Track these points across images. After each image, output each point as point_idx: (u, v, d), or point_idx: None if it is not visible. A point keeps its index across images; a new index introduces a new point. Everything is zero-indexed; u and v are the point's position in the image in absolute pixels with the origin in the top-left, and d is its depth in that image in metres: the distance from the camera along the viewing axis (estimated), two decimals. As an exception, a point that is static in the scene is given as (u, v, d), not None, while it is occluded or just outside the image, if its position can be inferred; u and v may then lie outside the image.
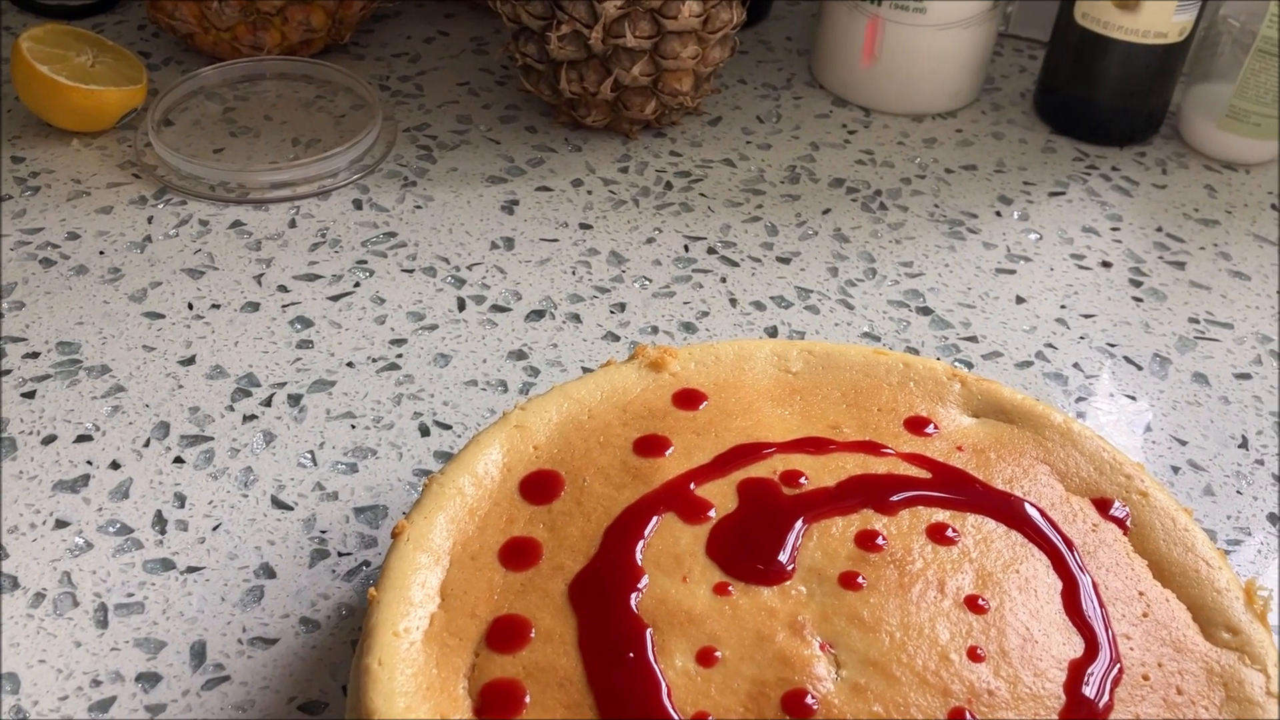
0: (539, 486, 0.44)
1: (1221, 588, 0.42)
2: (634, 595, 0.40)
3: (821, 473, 0.45)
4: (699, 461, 0.45)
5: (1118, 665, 0.39)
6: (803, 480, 0.44)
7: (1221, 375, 0.61)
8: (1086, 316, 0.64)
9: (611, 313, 0.62)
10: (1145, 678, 0.39)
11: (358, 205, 0.68)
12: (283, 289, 0.61)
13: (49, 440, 0.52)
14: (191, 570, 0.47)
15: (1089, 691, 0.38)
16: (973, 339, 0.62)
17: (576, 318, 0.61)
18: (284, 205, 0.67)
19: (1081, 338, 0.63)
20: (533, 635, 0.39)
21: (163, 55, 0.79)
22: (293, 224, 0.66)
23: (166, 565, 0.48)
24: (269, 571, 0.48)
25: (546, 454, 0.45)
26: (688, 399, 0.48)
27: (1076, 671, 0.39)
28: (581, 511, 0.43)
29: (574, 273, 0.64)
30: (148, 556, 0.48)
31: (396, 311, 0.61)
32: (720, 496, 0.44)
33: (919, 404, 0.49)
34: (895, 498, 0.44)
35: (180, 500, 0.50)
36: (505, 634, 0.39)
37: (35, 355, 0.56)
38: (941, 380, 0.50)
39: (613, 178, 0.72)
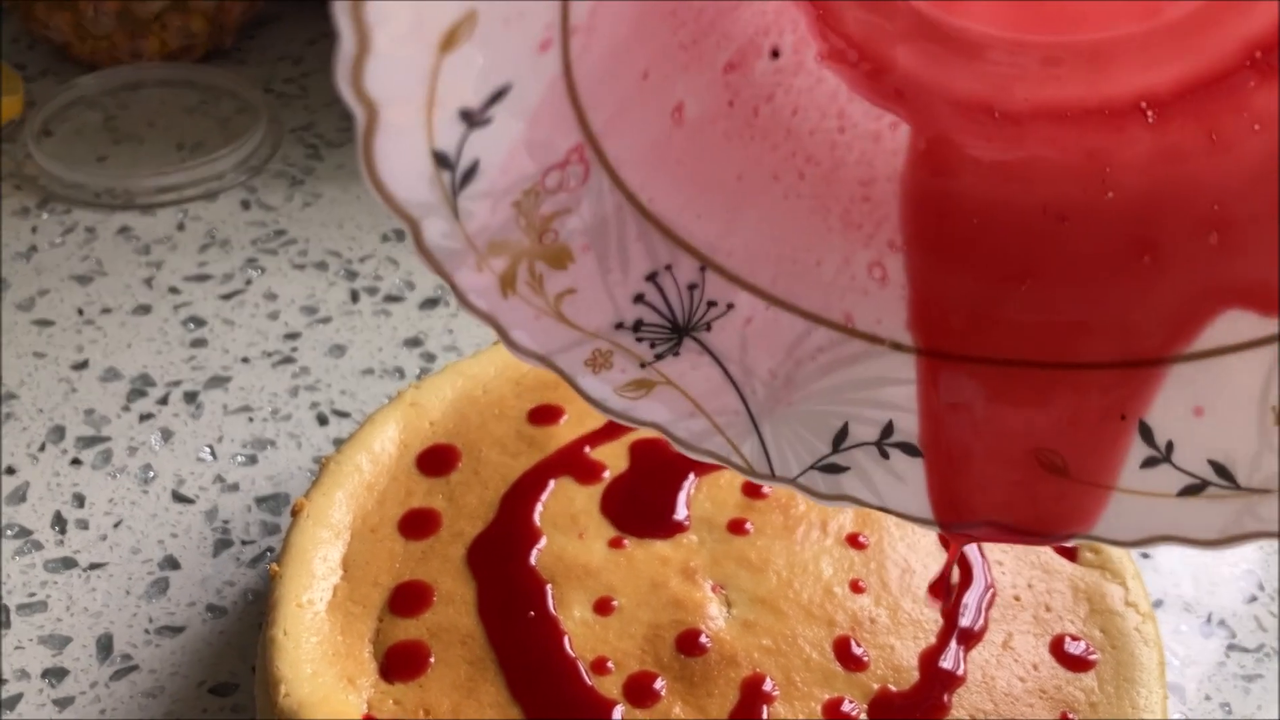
0: (436, 460, 0.45)
1: (1083, 512, 0.45)
2: (533, 554, 0.42)
3: (709, 430, 0.47)
4: (592, 427, 0.47)
5: (991, 589, 0.42)
6: (691, 438, 0.46)
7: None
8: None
9: (505, 297, 0.63)
10: (1016, 598, 0.42)
11: (246, 205, 0.68)
12: (174, 290, 0.62)
13: (-60, 450, 0.52)
14: (94, 567, 0.48)
15: (965, 613, 0.41)
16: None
17: (470, 303, 0.62)
18: (171, 209, 0.67)
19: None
20: (434, 599, 0.40)
21: (40, 66, 0.78)
22: (181, 227, 0.66)
23: (68, 564, 0.48)
24: (173, 563, 0.48)
25: (442, 429, 0.47)
26: (578, 369, 0.49)
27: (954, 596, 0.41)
28: (479, 480, 0.44)
29: (466, 260, 0.65)
30: (48, 556, 0.48)
31: (289, 307, 0.61)
32: (613, 458, 0.45)
33: (799, 362, 0.51)
34: (779, 449, 0.46)
35: (79, 500, 0.50)
36: (407, 599, 0.40)
37: (-79, 368, 0.56)
38: (820, 338, 0.52)
39: (501, 168, 0.73)
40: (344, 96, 0.21)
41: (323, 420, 0.55)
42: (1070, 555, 0.44)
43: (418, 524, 0.43)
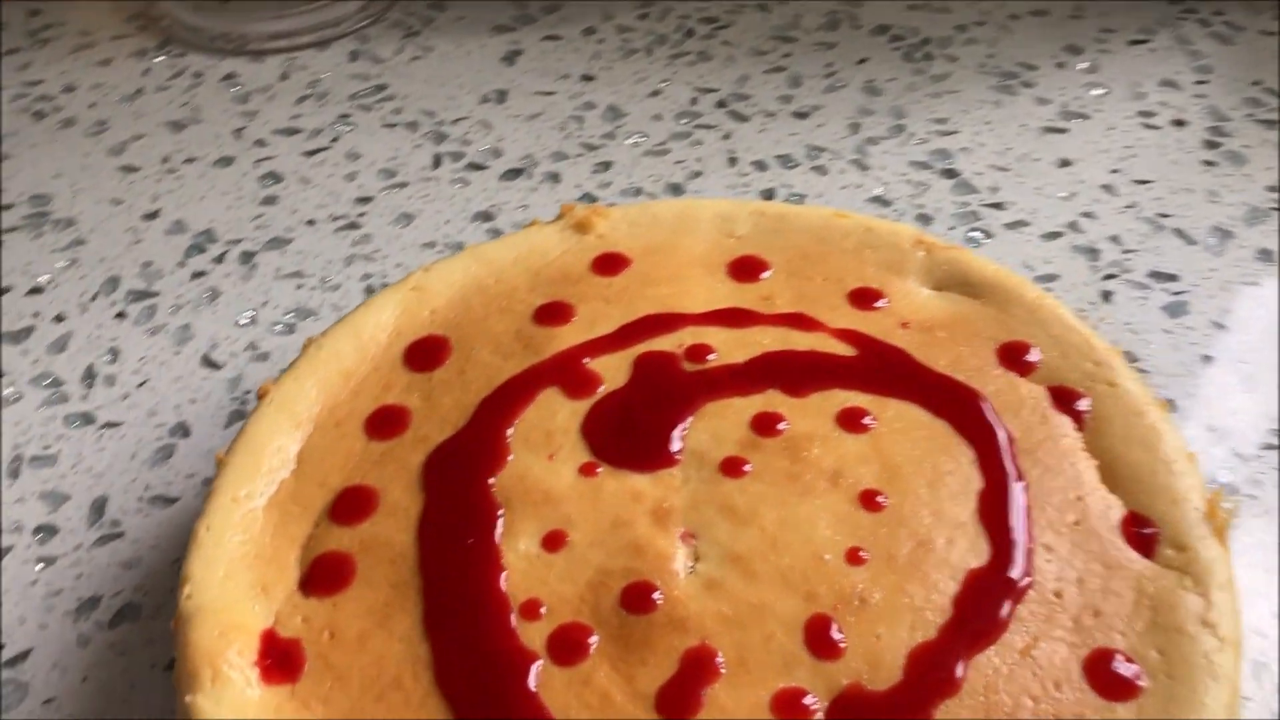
0: (424, 353, 0.41)
1: (1179, 496, 0.36)
2: (494, 473, 0.37)
3: (734, 348, 0.40)
4: (601, 332, 0.41)
5: (1027, 578, 0.34)
6: (710, 356, 0.40)
7: (1294, 252, 0.52)
8: (1141, 182, 0.56)
9: (594, 172, 0.57)
10: (1058, 594, 0.34)
11: (353, 57, 0.65)
12: (260, 143, 0.59)
13: (3, 293, 0.52)
14: (109, 426, 0.47)
15: (981, 606, 0.33)
16: (998, 205, 0.55)
17: (555, 177, 0.57)
18: (280, 57, 0.65)
19: (1129, 206, 0.55)
20: (378, 508, 0.37)
21: (192, -96, 0.77)
22: (284, 76, 0.64)
23: (86, 419, 0.47)
24: (184, 431, 0.47)
25: (441, 318, 0.42)
26: (609, 264, 0.44)
27: (974, 583, 0.34)
28: (461, 381, 0.40)
29: (564, 128, 0.60)
30: (70, 410, 0.47)
31: (369, 169, 0.58)
32: (613, 371, 0.40)
33: (871, 274, 0.43)
34: (809, 379, 0.39)
35: (114, 355, 0.50)
36: (349, 505, 0.37)
37: (9, 207, 0.56)
38: (904, 248, 0.44)
39: (630, 24, 0.66)
40: None
41: (370, 294, 0.52)
42: (1145, 547, 0.35)
43: (385, 422, 0.39)
